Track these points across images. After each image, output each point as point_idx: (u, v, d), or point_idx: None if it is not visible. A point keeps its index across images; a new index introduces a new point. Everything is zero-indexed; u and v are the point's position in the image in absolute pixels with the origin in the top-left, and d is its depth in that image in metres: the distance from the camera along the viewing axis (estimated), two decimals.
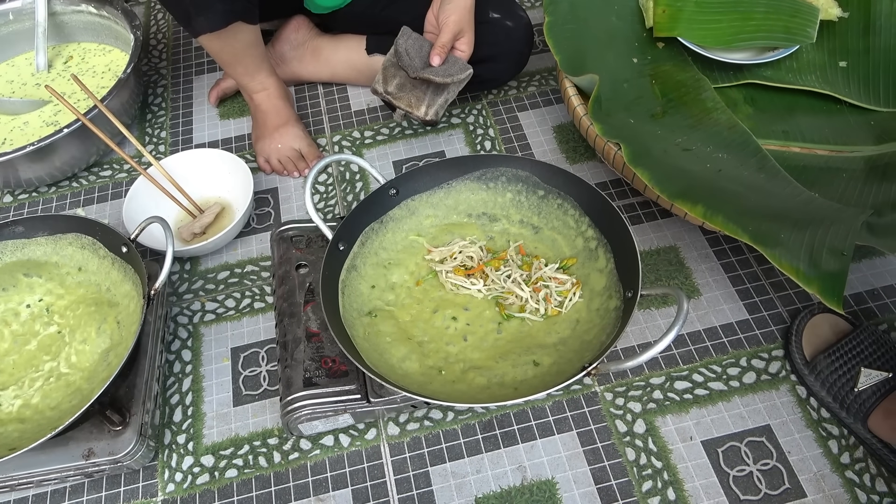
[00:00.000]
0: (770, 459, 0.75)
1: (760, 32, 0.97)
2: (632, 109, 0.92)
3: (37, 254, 0.85)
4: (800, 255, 0.69)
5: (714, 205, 0.75)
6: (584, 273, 0.81)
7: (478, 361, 0.75)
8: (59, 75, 1.21)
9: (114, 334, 0.80)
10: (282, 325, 0.80)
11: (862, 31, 1.00)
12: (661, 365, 0.83)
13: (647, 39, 1.01)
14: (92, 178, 1.10)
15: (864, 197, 0.83)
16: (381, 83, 0.92)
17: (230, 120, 1.17)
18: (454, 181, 0.87)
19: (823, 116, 0.97)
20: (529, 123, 1.12)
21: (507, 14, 1.02)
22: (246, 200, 0.96)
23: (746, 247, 0.92)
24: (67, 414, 0.69)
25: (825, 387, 0.77)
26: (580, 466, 0.76)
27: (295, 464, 0.78)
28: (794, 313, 0.85)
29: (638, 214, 0.98)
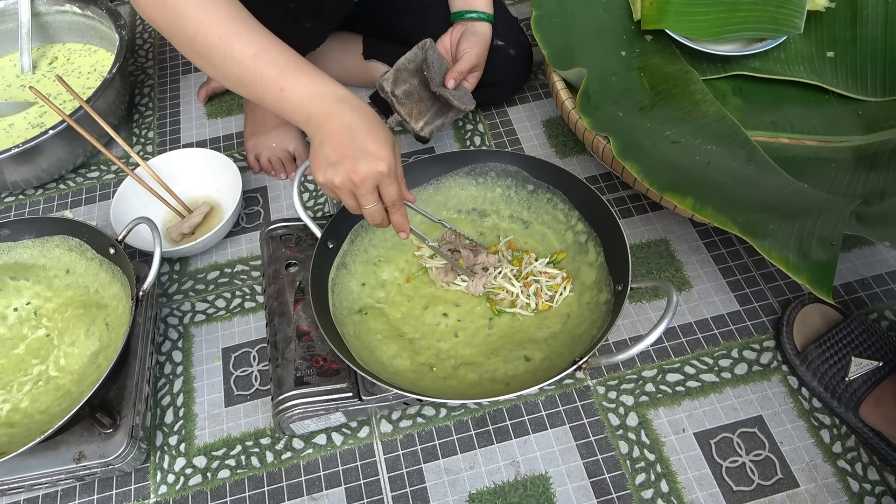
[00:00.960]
0: (762, 450, 0.75)
1: (748, 24, 0.97)
2: (620, 102, 0.92)
3: (23, 257, 0.84)
4: (789, 246, 0.69)
5: (703, 197, 0.75)
6: (575, 267, 0.80)
7: (469, 357, 0.74)
8: (44, 76, 1.20)
9: (103, 336, 0.79)
10: (272, 325, 0.79)
11: (849, 21, 1.00)
12: (652, 358, 0.83)
13: (635, 32, 1.01)
14: (79, 179, 1.09)
15: (853, 186, 0.83)
16: (390, 82, 0.89)
17: (218, 119, 1.16)
18: (444, 177, 0.87)
19: (812, 107, 0.97)
20: (519, 118, 1.11)
21: (512, 42, 1.01)
22: (235, 200, 0.95)
23: (737, 238, 0.92)
24: (57, 417, 0.69)
25: (816, 377, 0.77)
26: (573, 460, 0.76)
27: (288, 463, 0.78)
28: (785, 304, 0.85)
29: (628, 207, 0.98)
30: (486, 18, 0.94)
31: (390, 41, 1.06)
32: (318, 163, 0.65)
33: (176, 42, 0.69)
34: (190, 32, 0.67)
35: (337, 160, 0.64)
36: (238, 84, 0.69)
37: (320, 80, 0.67)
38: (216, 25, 0.66)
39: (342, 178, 0.64)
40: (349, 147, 0.64)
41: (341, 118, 0.65)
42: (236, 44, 0.66)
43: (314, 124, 0.66)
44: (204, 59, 0.68)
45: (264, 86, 0.67)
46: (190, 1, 0.66)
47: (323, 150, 0.65)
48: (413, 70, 0.90)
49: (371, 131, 0.65)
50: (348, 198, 0.67)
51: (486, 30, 0.94)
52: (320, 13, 0.88)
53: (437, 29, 0.96)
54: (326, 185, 0.66)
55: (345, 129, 0.64)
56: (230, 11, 0.67)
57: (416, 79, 0.91)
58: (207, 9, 0.66)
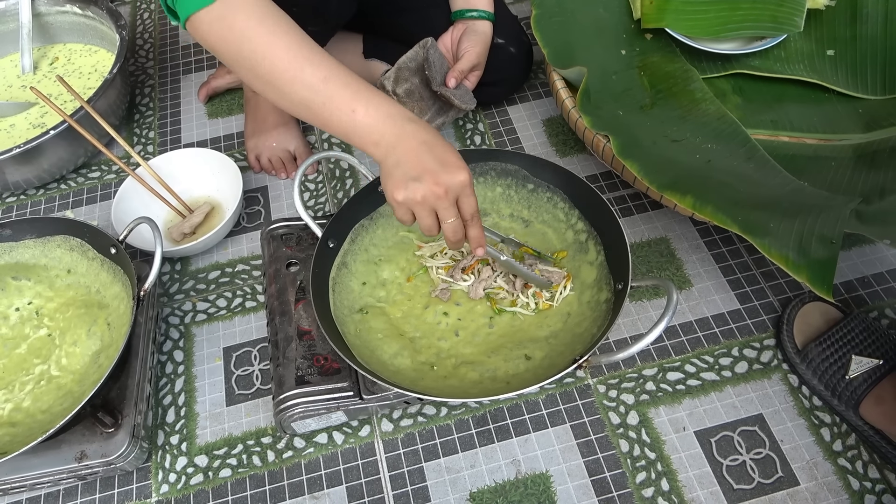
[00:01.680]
0: (763, 448, 0.75)
1: (748, 22, 0.97)
2: (620, 101, 0.92)
3: (25, 257, 0.85)
4: (789, 244, 0.70)
5: (703, 195, 0.75)
6: (575, 266, 0.81)
7: (470, 356, 0.75)
8: (44, 77, 1.20)
9: (104, 336, 0.79)
10: (273, 324, 0.79)
11: (849, 20, 1.00)
12: (653, 356, 0.83)
13: (635, 31, 1.01)
14: (80, 179, 1.09)
15: (853, 185, 0.84)
16: (391, 81, 0.89)
17: (218, 119, 1.16)
18: None
19: (812, 105, 0.97)
20: (519, 117, 1.11)
21: (512, 40, 1.00)
22: (235, 199, 0.95)
23: (737, 237, 0.93)
24: (59, 417, 0.69)
25: (817, 375, 0.77)
26: (574, 459, 0.76)
27: (289, 462, 0.78)
28: (785, 302, 0.85)
29: (628, 206, 0.98)
30: (487, 17, 0.94)
31: (390, 40, 1.06)
32: (398, 181, 0.64)
33: (239, 67, 0.69)
34: (257, 58, 0.66)
35: (418, 175, 0.63)
36: (304, 108, 0.68)
37: (389, 102, 0.67)
38: (285, 51, 0.66)
39: (425, 191, 0.63)
40: (430, 161, 0.64)
41: (417, 137, 0.65)
42: (307, 67, 0.66)
43: (386, 145, 0.65)
44: (268, 83, 0.68)
45: (334, 107, 0.66)
46: (258, 27, 0.65)
47: (401, 168, 0.64)
48: (414, 69, 0.90)
49: (446, 147, 0.65)
50: (428, 215, 0.66)
51: (486, 28, 0.94)
52: (324, 17, 0.89)
53: (438, 28, 0.96)
54: (407, 202, 0.65)
55: (423, 146, 0.64)
56: (297, 37, 0.67)
57: (417, 77, 0.91)
58: (276, 33, 0.66)
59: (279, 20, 0.67)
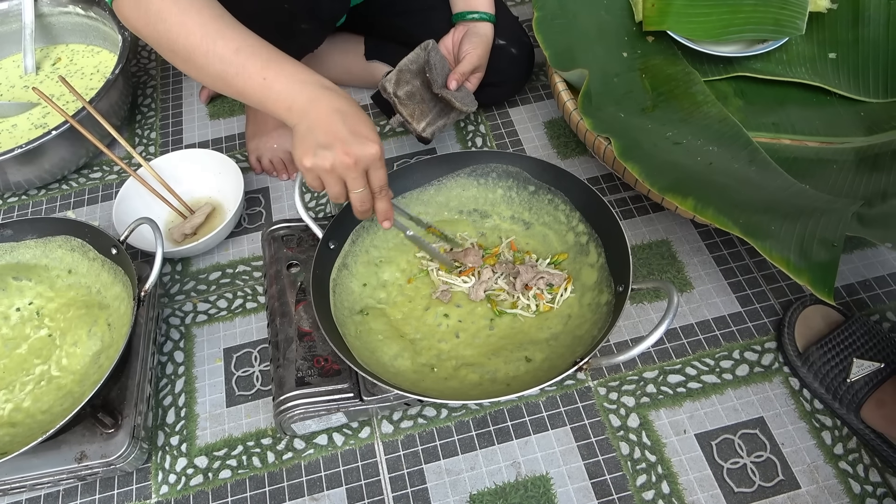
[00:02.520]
0: (764, 451, 0.75)
1: (750, 25, 0.97)
2: (622, 103, 0.92)
3: (26, 257, 0.85)
4: (790, 247, 0.69)
5: (705, 198, 0.75)
6: (576, 268, 0.80)
7: (470, 358, 0.75)
8: (47, 77, 1.20)
9: (105, 336, 0.79)
10: (274, 325, 0.79)
11: (851, 23, 1.00)
12: (654, 359, 0.83)
13: (637, 33, 1.01)
14: (82, 180, 1.09)
15: (855, 188, 0.83)
16: (392, 83, 0.89)
17: (220, 120, 1.16)
18: (445, 178, 0.87)
19: (813, 108, 0.97)
20: (520, 119, 1.11)
21: (514, 41, 1.00)
22: (237, 200, 0.95)
23: (738, 240, 0.92)
24: (59, 417, 0.69)
25: (818, 378, 0.77)
26: (574, 461, 0.76)
27: (289, 463, 0.78)
28: (787, 305, 0.85)
29: (629, 209, 0.98)
30: (488, 19, 0.94)
31: (392, 42, 1.06)
32: (307, 147, 0.65)
33: (158, 46, 0.70)
34: (172, 36, 0.68)
35: (328, 143, 0.64)
36: (220, 80, 0.69)
37: (303, 69, 0.68)
38: (198, 26, 0.67)
39: (333, 160, 0.64)
40: (341, 130, 0.64)
41: (330, 103, 0.65)
42: (219, 41, 0.67)
43: (298, 111, 0.66)
44: (185, 60, 0.69)
45: (247, 76, 0.67)
46: (171, 6, 0.67)
47: (312, 135, 0.65)
48: (415, 71, 0.90)
49: (360, 117, 0.66)
50: (336, 183, 0.66)
51: (488, 30, 0.94)
52: (316, 14, 0.89)
53: (439, 29, 0.96)
54: (315, 168, 0.65)
55: (335, 113, 0.65)
56: (211, 13, 0.68)
57: (418, 80, 0.91)
58: (189, 11, 0.67)
59: None
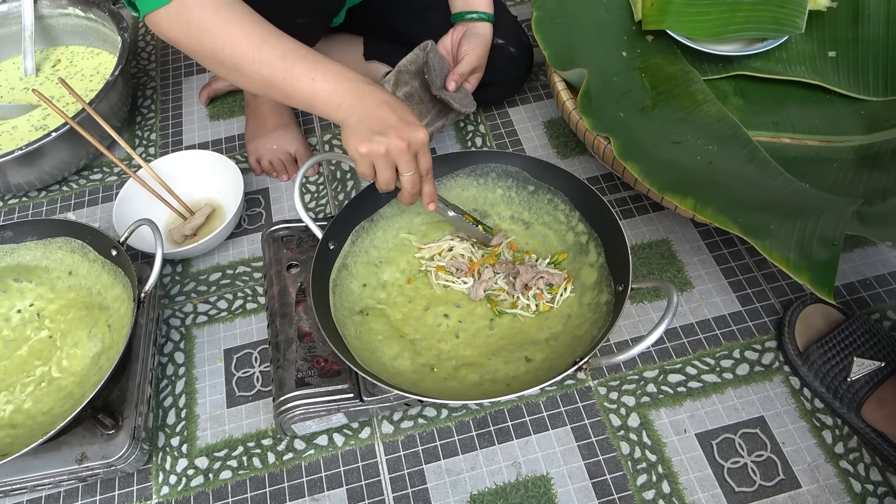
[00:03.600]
0: (764, 451, 0.75)
1: (749, 24, 0.97)
2: (621, 103, 0.92)
3: (27, 258, 0.85)
4: (790, 246, 0.69)
5: (704, 197, 0.75)
6: (576, 267, 0.80)
7: (470, 358, 0.74)
8: (47, 79, 1.20)
9: (105, 338, 0.80)
10: (274, 326, 0.79)
11: (851, 21, 1.00)
12: (654, 358, 0.83)
13: (636, 33, 1.01)
14: (82, 181, 1.09)
15: (855, 186, 0.83)
16: (391, 84, 0.89)
17: (220, 121, 1.16)
18: (444, 178, 0.87)
19: (813, 107, 0.97)
20: (520, 119, 1.11)
21: (513, 40, 1.00)
22: (237, 201, 0.95)
23: (738, 239, 0.92)
24: (59, 418, 0.69)
25: (818, 377, 0.77)
26: (575, 461, 0.76)
27: (289, 464, 0.78)
28: (787, 304, 0.85)
29: (629, 208, 0.98)
30: (487, 18, 0.94)
31: (391, 42, 1.06)
32: (362, 136, 0.68)
33: (202, 58, 0.72)
34: (217, 47, 0.70)
35: (382, 129, 0.67)
36: (267, 85, 0.72)
37: (346, 69, 0.71)
38: (243, 36, 0.70)
39: (388, 144, 0.67)
40: (391, 118, 0.68)
41: (378, 96, 0.70)
42: (264, 48, 0.69)
43: (348, 106, 0.69)
44: (231, 68, 0.71)
45: (295, 80, 0.70)
46: (214, 18, 0.69)
47: (365, 123, 0.68)
48: (414, 72, 0.90)
49: (405, 107, 0.71)
50: (388, 167, 0.69)
51: (486, 30, 0.94)
52: (313, 9, 0.88)
53: (438, 29, 0.96)
54: (370, 154, 0.68)
55: (384, 104, 0.69)
56: (253, 22, 0.71)
57: (416, 81, 0.91)
58: (232, 22, 0.69)
59: (232, 9, 0.70)
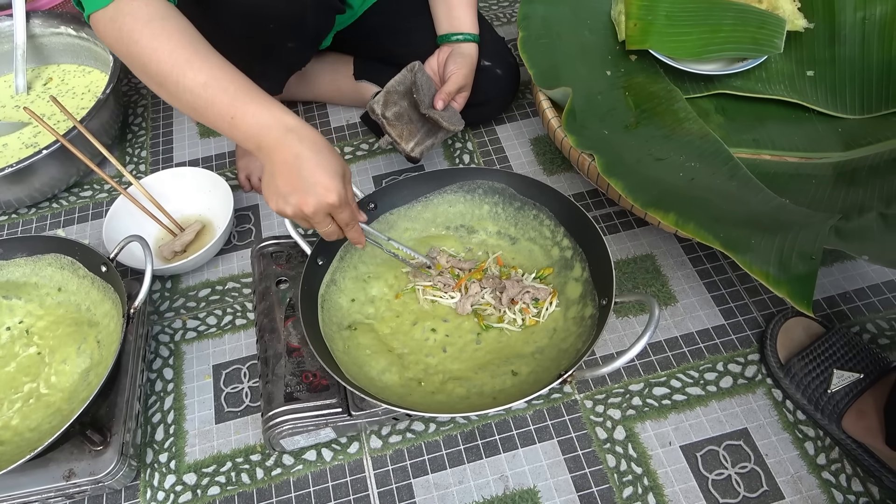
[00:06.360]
0: (748, 462, 0.76)
1: (729, 44, 0.99)
2: (606, 121, 0.94)
3: (16, 275, 0.85)
4: (770, 260, 0.71)
5: (686, 213, 0.76)
6: (561, 282, 0.82)
7: (457, 372, 0.75)
8: (38, 97, 1.21)
9: (94, 354, 0.80)
10: (262, 341, 0.80)
11: (828, 42, 1.03)
12: (639, 371, 0.84)
13: (620, 52, 1.03)
14: (72, 198, 1.10)
15: (833, 202, 0.85)
16: (380, 105, 0.90)
17: (210, 138, 1.17)
18: (432, 194, 0.88)
19: (793, 124, 0.99)
20: (507, 137, 1.13)
21: (499, 61, 1.03)
22: (226, 218, 0.96)
23: (721, 254, 0.94)
24: (47, 435, 0.69)
25: (800, 389, 0.78)
26: (561, 474, 0.76)
27: (278, 479, 0.78)
28: (769, 317, 0.87)
29: (614, 224, 0.99)
30: (473, 39, 0.96)
31: (380, 62, 1.08)
32: (270, 193, 0.68)
33: (132, 68, 0.70)
34: (144, 60, 0.68)
35: (287, 193, 0.66)
36: (191, 111, 0.69)
37: (269, 109, 0.67)
38: (168, 53, 0.67)
39: (293, 210, 0.67)
40: (298, 180, 0.65)
41: (290, 149, 0.65)
42: (188, 71, 0.66)
43: (264, 153, 0.67)
44: (159, 85, 0.69)
45: (216, 114, 0.67)
46: (144, 29, 0.67)
47: (274, 181, 0.67)
48: (402, 92, 0.92)
49: (319, 163, 0.65)
50: (302, 223, 0.70)
51: (472, 51, 0.96)
52: (302, 32, 0.90)
53: (425, 50, 0.97)
54: (280, 212, 0.68)
55: (294, 161, 0.65)
56: (182, 40, 0.67)
57: (405, 101, 0.92)
58: (160, 37, 0.67)
59: (166, 24, 0.67)
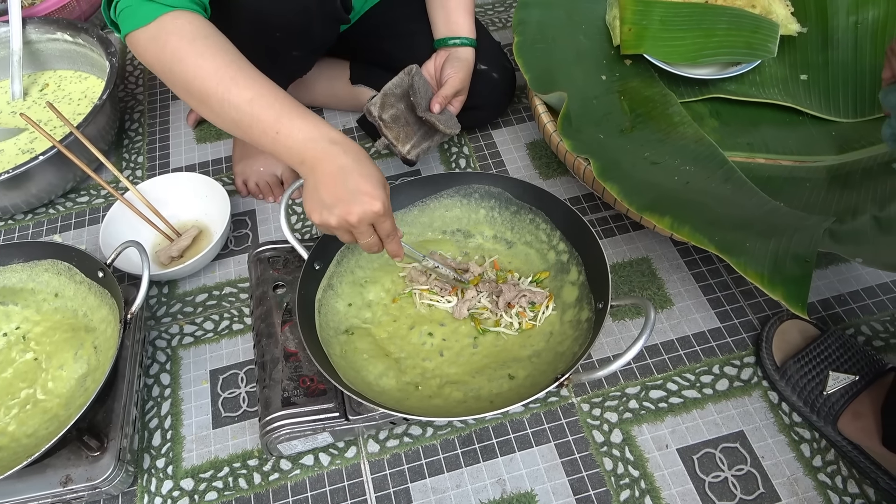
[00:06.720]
0: (744, 465, 0.76)
1: (723, 48, 1.00)
2: (601, 125, 0.94)
3: (12, 281, 0.85)
4: (764, 263, 0.71)
5: (681, 216, 0.77)
6: (557, 286, 0.82)
7: (454, 376, 0.75)
8: (34, 103, 1.21)
9: (91, 359, 0.80)
10: (260, 346, 0.80)
11: (821, 46, 1.03)
12: (635, 374, 0.84)
13: (615, 57, 1.04)
14: (69, 204, 1.10)
15: (827, 205, 0.86)
16: (377, 107, 0.90)
17: (207, 144, 1.17)
18: (429, 199, 0.89)
19: (786, 128, 1.00)
20: (503, 141, 1.14)
21: (495, 66, 1.03)
22: (223, 223, 0.96)
23: (716, 257, 0.94)
24: (44, 441, 0.69)
25: (796, 391, 0.79)
26: (558, 478, 0.76)
27: (275, 484, 0.78)
28: (764, 320, 0.87)
29: (610, 227, 1.00)
30: (469, 44, 0.97)
31: (376, 66, 1.09)
32: (314, 205, 0.68)
33: (173, 86, 0.71)
34: (188, 78, 0.69)
35: (332, 203, 0.66)
36: (235, 127, 0.71)
37: (314, 124, 0.68)
38: (213, 72, 0.68)
39: (338, 220, 0.66)
40: (343, 190, 0.66)
41: (335, 161, 0.66)
42: (233, 89, 0.68)
43: (308, 167, 0.68)
44: (201, 102, 0.70)
45: (260, 130, 0.68)
46: (189, 48, 0.68)
47: (318, 193, 0.67)
48: (400, 95, 0.92)
49: (363, 173, 0.66)
50: (344, 234, 0.69)
51: (469, 55, 0.96)
52: (308, 41, 0.90)
53: (422, 55, 0.98)
54: (322, 225, 0.68)
55: (338, 172, 0.66)
56: (227, 58, 0.69)
57: (402, 103, 0.93)
58: (205, 55, 0.68)
59: (210, 42, 0.69)
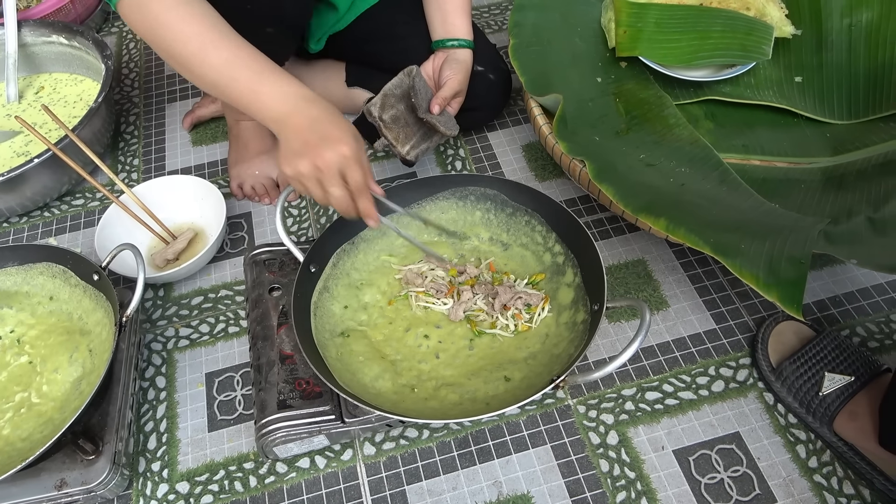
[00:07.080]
0: (740, 466, 0.76)
1: (718, 50, 1.00)
2: (597, 127, 0.94)
3: (7, 284, 0.85)
4: (759, 265, 0.71)
5: (677, 218, 0.77)
6: (553, 288, 0.82)
7: (450, 378, 0.75)
8: (29, 106, 1.21)
9: (86, 363, 0.80)
10: (255, 349, 0.80)
11: (815, 48, 1.04)
12: (631, 376, 0.84)
13: (610, 59, 1.04)
14: (64, 207, 1.10)
15: (822, 206, 0.86)
16: (377, 107, 0.90)
17: (202, 146, 1.17)
18: (424, 201, 0.89)
19: (781, 130, 1.00)
20: (499, 143, 1.14)
21: (491, 67, 1.03)
22: (219, 226, 0.96)
23: (712, 258, 0.94)
24: (39, 444, 0.69)
25: (791, 392, 0.79)
26: (555, 480, 0.76)
27: (271, 487, 0.78)
28: (760, 321, 0.87)
29: (606, 229, 1.00)
30: (467, 45, 0.97)
31: (372, 68, 1.09)
32: (285, 157, 0.70)
33: (157, 49, 0.74)
34: (169, 42, 0.72)
35: (302, 150, 0.68)
36: (214, 88, 0.74)
37: (289, 83, 0.72)
38: (195, 35, 0.71)
39: (308, 165, 0.68)
40: (314, 136, 0.68)
41: (307, 113, 0.70)
42: (213, 51, 0.71)
43: (281, 122, 0.71)
44: (182, 65, 0.73)
45: (238, 89, 0.72)
46: (170, 12, 0.71)
47: (289, 144, 0.70)
48: (400, 95, 0.92)
49: (333, 121, 0.70)
50: (315, 186, 0.70)
51: (467, 56, 0.96)
52: (280, 16, 0.89)
53: (419, 56, 0.98)
54: (294, 176, 0.70)
55: (310, 123, 0.69)
56: (207, 22, 0.72)
57: (402, 104, 0.93)
58: (186, 19, 0.71)
59: (191, 8, 0.72)
